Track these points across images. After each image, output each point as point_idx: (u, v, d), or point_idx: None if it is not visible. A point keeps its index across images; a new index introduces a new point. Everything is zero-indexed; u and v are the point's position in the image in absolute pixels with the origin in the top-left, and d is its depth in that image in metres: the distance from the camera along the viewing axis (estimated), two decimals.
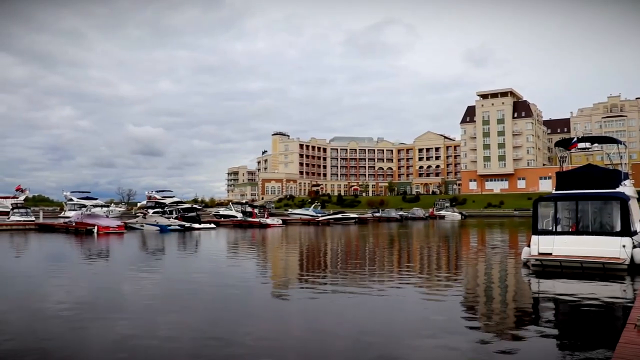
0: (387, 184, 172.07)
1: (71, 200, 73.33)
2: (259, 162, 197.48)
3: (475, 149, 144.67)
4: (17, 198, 74.34)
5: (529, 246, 19.08)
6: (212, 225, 54.77)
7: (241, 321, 11.06)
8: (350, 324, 10.82)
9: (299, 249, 31.46)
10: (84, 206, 55.83)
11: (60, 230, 46.23)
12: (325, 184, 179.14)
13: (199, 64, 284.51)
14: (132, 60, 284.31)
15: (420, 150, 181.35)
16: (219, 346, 8.96)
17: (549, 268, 18.02)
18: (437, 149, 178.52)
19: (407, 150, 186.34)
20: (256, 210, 67.16)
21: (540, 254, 18.30)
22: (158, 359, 8.36)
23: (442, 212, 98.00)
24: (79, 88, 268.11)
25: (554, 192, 20.81)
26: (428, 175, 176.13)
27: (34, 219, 55.83)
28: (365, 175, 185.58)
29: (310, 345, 9.20)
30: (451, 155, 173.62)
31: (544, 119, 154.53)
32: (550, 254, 18.04)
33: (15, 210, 59.05)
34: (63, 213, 69.46)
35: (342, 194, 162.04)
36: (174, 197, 72.53)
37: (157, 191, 75.60)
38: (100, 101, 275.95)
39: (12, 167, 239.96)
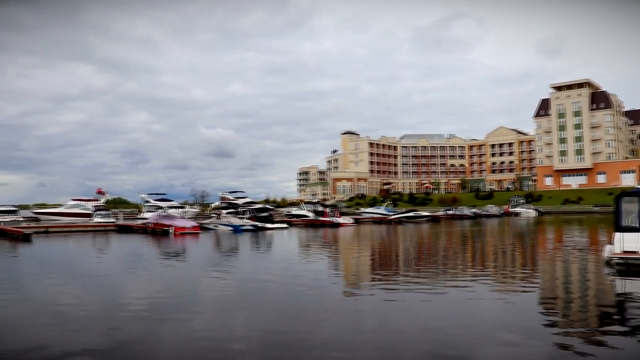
0: (459, 181, 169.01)
1: (148, 202, 75.62)
2: (329, 162, 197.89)
3: (551, 144, 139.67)
4: (98, 200, 77.34)
5: (611, 244, 18.23)
6: (285, 225, 55.13)
7: (313, 320, 11.07)
8: (423, 323, 10.67)
9: (371, 247, 31.26)
10: (160, 208, 57.37)
11: (138, 231, 47.64)
12: (396, 182, 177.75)
13: (269, 65, 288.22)
14: (203, 64, 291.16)
15: (493, 145, 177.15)
16: (292, 345, 8.99)
17: (633, 267, 17.17)
18: (510, 144, 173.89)
19: (479, 146, 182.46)
20: (328, 210, 67.21)
21: (624, 252, 17.47)
22: (231, 357, 8.46)
23: (517, 209, 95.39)
24: (153, 93, 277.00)
25: (638, 186, 19.77)
26: (501, 171, 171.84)
27: (114, 220, 57.82)
28: (436, 172, 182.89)
29: (383, 345, 9.06)
30: (525, 151, 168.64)
31: (625, 109, 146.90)
32: (636, 252, 17.17)
33: (97, 212, 61.36)
34: (140, 214, 71.73)
35: (414, 192, 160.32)
36: (246, 197, 73.54)
37: (230, 192, 76.83)
38: (173, 105, 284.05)
39: (93, 171, 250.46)
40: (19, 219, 64.27)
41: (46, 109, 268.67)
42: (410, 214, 73.50)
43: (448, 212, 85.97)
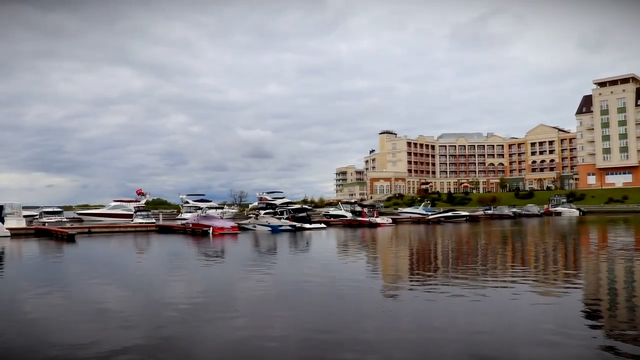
0: (498, 181, 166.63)
1: (187, 202, 76.45)
2: (366, 162, 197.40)
3: (593, 141, 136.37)
4: (139, 201, 78.49)
5: None
6: (323, 225, 55.10)
7: (352, 320, 11.07)
8: (462, 324, 10.59)
9: (410, 247, 31.05)
10: (199, 208, 57.94)
11: (178, 231, 48.16)
12: (435, 182, 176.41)
13: (305, 66, 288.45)
14: (240, 65, 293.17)
15: (533, 144, 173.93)
16: (331, 344, 9.02)
17: None
18: (550, 143, 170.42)
19: (519, 144, 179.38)
20: (366, 210, 67.01)
21: None
22: (271, 356, 8.50)
23: (558, 209, 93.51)
24: (191, 95, 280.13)
25: None
26: (542, 170, 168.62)
27: (154, 221, 58.59)
28: (475, 171, 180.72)
29: (421, 345, 9.03)
30: (566, 149, 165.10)
31: None
32: None
33: (138, 213, 62.27)
34: (180, 215, 72.55)
35: (452, 191, 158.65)
36: (284, 198, 73.83)
37: (268, 192, 77.21)
38: (211, 107, 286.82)
39: (134, 172, 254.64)
40: (64, 220, 65.61)
41: (88, 112, 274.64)
42: (449, 213, 72.78)
43: (487, 211, 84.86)
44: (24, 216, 49.40)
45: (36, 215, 62.95)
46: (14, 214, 45.51)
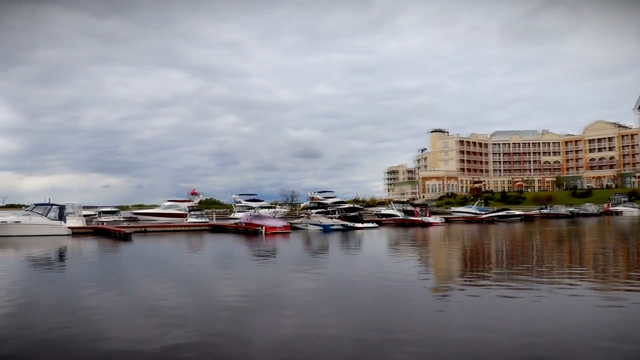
0: (554, 179, 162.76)
1: (239, 202, 77.34)
2: (417, 160, 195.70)
3: None
4: (192, 201, 79.77)
5: None
6: (374, 225, 54.88)
7: (403, 320, 10.98)
8: (515, 325, 10.40)
9: (462, 247, 30.64)
10: (251, 208, 58.51)
11: (230, 230, 48.60)
12: (487, 181, 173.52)
13: (354, 65, 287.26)
14: (289, 66, 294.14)
15: (591, 141, 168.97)
16: (381, 344, 8.97)
17: None
18: (610, 139, 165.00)
19: (576, 141, 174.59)
20: (417, 209, 66.48)
21: None
22: (322, 355, 8.52)
23: (619, 208, 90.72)
24: (241, 96, 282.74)
25: None
26: (600, 167, 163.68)
27: (207, 220, 59.42)
28: (529, 170, 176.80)
29: (472, 347, 8.86)
30: (627, 145, 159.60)
31: None
32: None
33: (191, 213, 63.28)
34: (232, 214, 73.38)
35: (506, 190, 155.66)
36: (335, 197, 73.77)
37: (319, 192, 77.29)
38: (260, 108, 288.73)
39: (186, 173, 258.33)
40: (120, 219, 67.27)
41: (141, 114, 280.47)
42: (503, 213, 71.55)
43: (542, 210, 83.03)
44: (83, 216, 50.85)
45: (94, 214, 64.71)
46: (74, 213, 46.95)
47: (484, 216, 70.09)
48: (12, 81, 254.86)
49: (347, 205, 61.88)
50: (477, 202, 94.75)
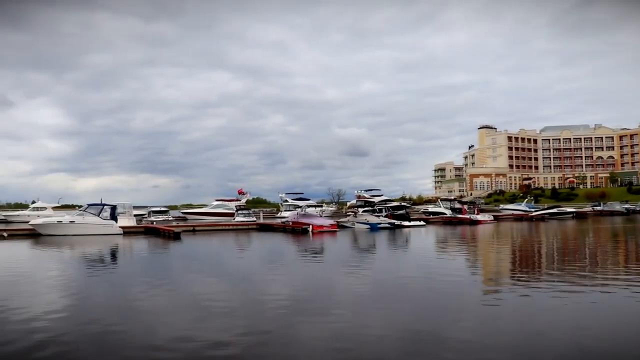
0: (608, 175, 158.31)
1: (286, 201, 77.68)
2: (465, 157, 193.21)
3: None
4: (240, 200, 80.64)
5: None
6: (422, 223, 54.53)
7: (450, 319, 10.88)
8: (568, 327, 10.17)
9: (512, 245, 30.11)
10: (298, 207, 58.63)
11: (278, 229, 48.85)
12: (537, 177, 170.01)
13: (400, 62, 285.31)
14: (335, 64, 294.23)
15: None
16: (429, 343, 8.94)
17: None
18: None
19: (631, 135, 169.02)
20: (465, 207, 65.72)
21: None
22: (369, 353, 8.49)
23: None
24: (288, 96, 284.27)
25: None
26: None
27: (255, 219, 59.92)
28: (581, 165, 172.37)
29: (523, 348, 8.74)
30: None
31: None
32: None
33: (239, 212, 63.95)
34: (279, 213, 73.81)
35: (557, 187, 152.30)
36: (382, 195, 73.43)
37: (366, 190, 77.04)
38: (307, 107, 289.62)
39: (234, 172, 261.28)
40: (170, 219, 68.41)
41: (190, 115, 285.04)
42: (554, 210, 70.12)
43: (596, 207, 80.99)
44: (134, 215, 51.92)
45: (145, 214, 65.99)
46: (125, 213, 47.99)
47: (534, 213, 68.78)
48: (67, 86, 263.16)
49: (394, 204, 61.53)
50: (526, 199, 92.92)
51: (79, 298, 14.19)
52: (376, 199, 66.47)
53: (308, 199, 71.73)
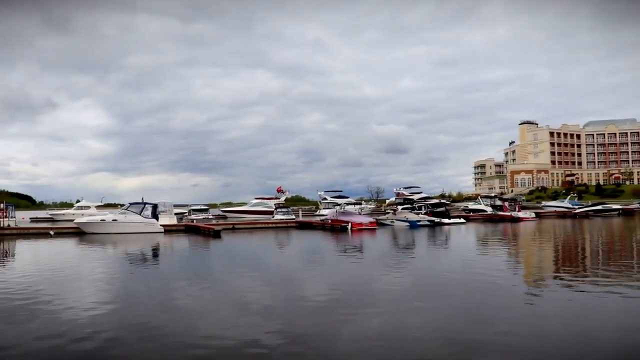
0: None
1: (325, 199, 77.82)
2: (506, 154, 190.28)
3: None
4: (279, 198, 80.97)
5: None
6: (462, 220, 54.02)
7: (493, 319, 10.72)
8: (616, 327, 9.89)
9: (555, 243, 29.53)
10: (337, 204, 58.66)
11: (317, 227, 48.91)
12: (581, 173, 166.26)
13: (438, 58, 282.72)
14: (373, 61, 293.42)
15: None
16: (469, 344, 8.78)
17: None
18: None
19: None
20: (506, 204, 64.74)
21: None
22: (408, 352, 8.42)
23: None
24: (326, 94, 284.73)
25: None
26: None
27: (294, 217, 60.12)
28: (628, 161, 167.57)
29: (569, 348, 8.47)
30: None
31: None
32: None
33: (278, 210, 64.28)
34: (318, 211, 73.90)
35: (601, 183, 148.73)
36: (421, 192, 73.01)
37: (405, 187, 76.77)
38: (346, 104, 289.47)
39: (273, 170, 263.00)
40: (210, 217, 69.20)
41: (229, 115, 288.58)
42: (599, 207, 68.56)
43: None
44: (175, 214, 52.64)
45: (185, 212, 66.82)
46: (166, 211, 48.69)
47: (578, 210, 67.46)
48: (109, 87, 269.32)
49: (433, 201, 60.99)
50: (570, 196, 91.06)
51: (122, 294, 14.49)
52: (415, 197, 66.10)
53: (347, 197, 71.84)
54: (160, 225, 43.26)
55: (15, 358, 8.45)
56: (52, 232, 41.72)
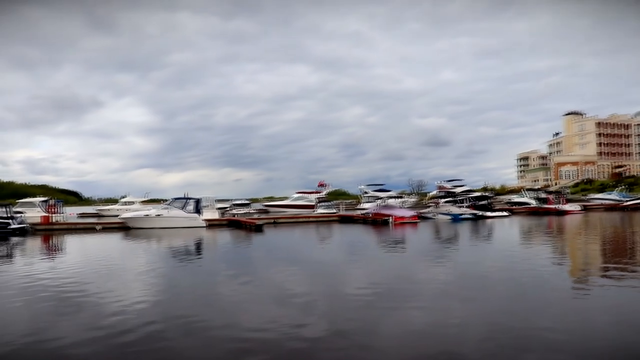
0: None
1: (366, 193, 77.59)
2: (550, 145, 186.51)
3: None
4: (320, 193, 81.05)
5: None
6: (505, 213, 53.22)
7: (538, 314, 10.52)
8: None
9: (603, 237, 28.80)
10: (379, 198, 58.36)
11: (358, 221, 48.71)
12: (630, 165, 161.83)
13: (481, 48, 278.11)
14: (414, 53, 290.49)
15: None
16: (514, 339, 8.66)
17: None
18: None
19: None
20: (552, 196, 63.46)
21: None
22: (450, 347, 8.34)
23: None
24: (366, 87, 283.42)
25: None
26: None
27: (336, 211, 60.09)
28: None
29: (617, 344, 8.28)
30: None
31: None
32: None
33: (320, 204, 64.38)
34: (360, 205, 73.72)
35: None
36: (464, 186, 72.06)
37: (447, 181, 75.88)
38: (386, 97, 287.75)
39: (314, 165, 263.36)
40: (252, 212, 69.73)
41: (270, 109, 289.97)
42: None
43: None
44: (217, 208, 53.20)
45: (227, 207, 67.42)
46: (209, 206, 49.26)
47: (628, 203, 65.62)
48: (152, 85, 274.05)
49: (476, 194, 60.22)
50: (619, 188, 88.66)
51: (166, 288, 14.77)
52: (458, 190, 65.34)
53: (388, 190, 71.45)
54: (203, 219, 43.76)
55: (66, 348, 8.71)
56: (98, 227, 42.66)
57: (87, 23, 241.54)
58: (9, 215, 39.35)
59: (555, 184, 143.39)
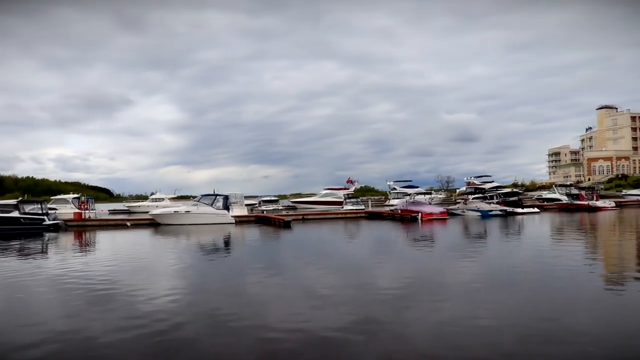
0: None
1: (394, 189, 77.13)
2: (582, 140, 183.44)
3: None
4: (348, 189, 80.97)
5: None
6: (536, 210, 52.55)
7: (570, 312, 10.35)
8: None
9: (637, 234, 28.18)
10: (407, 194, 58.08)
11: (387, 217, 48.64)
12: None
13: (510, 42, 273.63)
14: (442, 48, 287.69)
15: None
16: (544, 337, 8.48)
17: None
18: None
19: None
20: (584, 192, 62.47)
21: None
22: (477, 346, 8.22)
23: None
24: (394, 83, 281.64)
25: None
26: None
27: (364, 207, 60.00)
28: None
29: None
30: None
31: None
32: None
33: (347, 200, 64.31)
34: (388, 201, 73.47)
35: None
36: (493, 182, 71.32)
37: (476, 177, 75.16)
38: (414, 93, 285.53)
39: (342, 161, 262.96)
40: (280, 208, 69.96)
41: (298, 106, 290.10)
42: None
43: None
44: (246, 205, 53.51)
45: (255, 204, 67.77)
46: (237, 203, 49.60)
47: None
48: (180, 83, 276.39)
49: (506, 190, 59.55)
50: None
51: (196, 282, 14.92)
52: (487, 186, 64.62)
53: (417, 187, 70.91)
54: (232, 216, 44.03)
55: (98, 339, 8.84)
56: (129, 224, 43.26)
57: (117, 23, 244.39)
58: (43, 211, 40.07)
59: (588, 180, 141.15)
